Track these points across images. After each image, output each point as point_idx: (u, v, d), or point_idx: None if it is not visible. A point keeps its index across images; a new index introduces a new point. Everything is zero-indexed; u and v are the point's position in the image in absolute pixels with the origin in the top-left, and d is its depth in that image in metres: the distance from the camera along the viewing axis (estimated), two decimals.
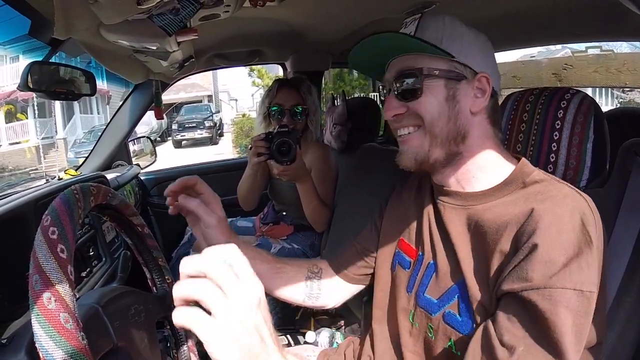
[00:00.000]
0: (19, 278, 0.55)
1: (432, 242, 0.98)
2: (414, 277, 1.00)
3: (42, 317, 0.52)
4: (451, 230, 0.93)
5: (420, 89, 0.90)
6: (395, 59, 0.95)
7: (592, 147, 0.95)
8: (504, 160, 0.92)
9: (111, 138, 2.44)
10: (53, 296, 0.54)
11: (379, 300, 1.11)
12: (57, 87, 1.38)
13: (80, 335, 0.53)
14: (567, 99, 0.98)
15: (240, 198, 2.23)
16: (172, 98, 25.45)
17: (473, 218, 0.89)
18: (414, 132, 0.93)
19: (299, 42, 2.33)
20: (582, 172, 0.96)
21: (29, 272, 0.55)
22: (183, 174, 2.95)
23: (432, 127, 0.90)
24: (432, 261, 0.96)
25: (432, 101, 0.90)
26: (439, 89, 0.90)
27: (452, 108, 0.90)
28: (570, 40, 2.26)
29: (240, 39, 2.17)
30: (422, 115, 0.90)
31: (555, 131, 0.98)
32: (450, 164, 0.94)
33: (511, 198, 0.86)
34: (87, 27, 1.09)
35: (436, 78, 0.90)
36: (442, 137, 0.90)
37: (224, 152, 15.28)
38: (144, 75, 1.92)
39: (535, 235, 0.75)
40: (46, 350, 0.51)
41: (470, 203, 0.92)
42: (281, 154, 1.77)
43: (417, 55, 0.92)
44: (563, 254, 0.72)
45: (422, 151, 0.92)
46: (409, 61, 0.92)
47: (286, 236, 2.24)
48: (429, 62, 0.90)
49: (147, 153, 2.88)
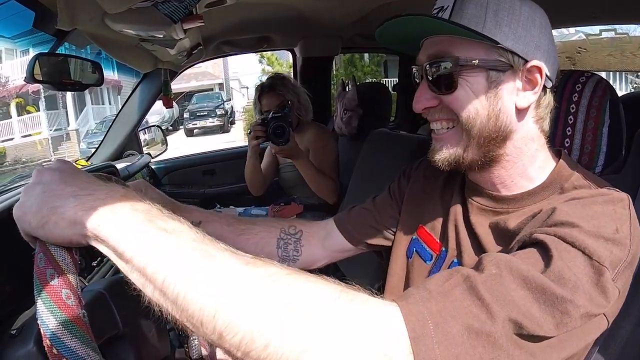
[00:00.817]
0: (29, 270, 0.55)
1: (457, 240, 0.89)
2: (434, 272, 0.92)
3: (44, 292, 0.53)
4: (479, 232, 0.84)
5: (455, 82, 0.77)
6: (430, 39, 0.81)
7: (608, 132, 0.92)
8: (546, 163, 0.83)
9: (121, 128, 2.44)
10: (56, 272, 0.54)
11: (392, 286, 1.04)
12: (64, 78, 1.37)
13: (82, 312, 0.53)
14: (582, 82, 0.95)
15: (247, 182, 2.38)
16: (183, 87, 25.53)
17: (500, 224, 0.81)
18: (450, 130, 0.81)
19: (307, 27, 2.31)
20: (598, 158, 0.94)
21: (35, 251, 0.56)
22: (193, 162, 3.01)
23: (468, 126, 0.78)
24: (456, 260, 0.88)
25: (469, 96, 0.77)
26: (478, 82, 0.76)
27: (493, 104, 0.77)
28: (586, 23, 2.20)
29: (248, 25, 2.16)
30: (457, 112, 0.78)
31: (570, 115, 0.96)
32: (489, 167, 0.82)
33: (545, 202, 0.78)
34: (92, 18, 1.08)
35: (475, 69, 0.76)
36: (480, 137, 0.78)
37: (236, 140, 15.34)
38: (152, 64, 1.91)
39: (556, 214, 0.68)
40: (46, 326, 0.51)
41: (502, 207, 0.83)
42: (276, 135, 2.00)
43: (452, 39, 0.77)
44: (587, 223, 0.64)
45: (456, 152, 0.81)
46: (442, 45, 0.78)
47: (296, 215, 2.34)
48: (467, 48, 0.76)
49: (157, 142, 2.89)
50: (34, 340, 0.70)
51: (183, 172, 2.98)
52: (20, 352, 0.72)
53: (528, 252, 0.64)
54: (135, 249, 0.52)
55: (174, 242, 0.53)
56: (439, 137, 0.83)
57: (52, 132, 18.89)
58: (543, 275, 0.59)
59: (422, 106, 0.82)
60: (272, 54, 10.67)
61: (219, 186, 2.96)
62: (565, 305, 0.58)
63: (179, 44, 1.51)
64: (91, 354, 0.52)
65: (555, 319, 0.58)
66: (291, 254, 1.14)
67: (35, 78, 1.26)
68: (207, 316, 0.50)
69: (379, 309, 0.55)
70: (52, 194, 0.57)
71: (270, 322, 0.50)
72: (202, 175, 2.98)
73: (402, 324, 0.54)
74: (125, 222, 0.53)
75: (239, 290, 0.51)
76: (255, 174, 2.33)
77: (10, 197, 1.09)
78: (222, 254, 0.53)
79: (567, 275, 0.59)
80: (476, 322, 0.56)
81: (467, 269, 0.63)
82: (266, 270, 0.53)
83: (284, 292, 0.52)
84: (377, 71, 9.78)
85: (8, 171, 15.42)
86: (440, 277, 0.63)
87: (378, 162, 1.87)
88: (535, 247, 0.64)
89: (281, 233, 1.15)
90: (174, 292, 0.51)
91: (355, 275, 1.82)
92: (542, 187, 0.80)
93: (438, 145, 0.84)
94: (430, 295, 0.59)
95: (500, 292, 0.58)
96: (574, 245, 0.62)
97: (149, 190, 1.03)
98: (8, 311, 0.86)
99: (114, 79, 20.19)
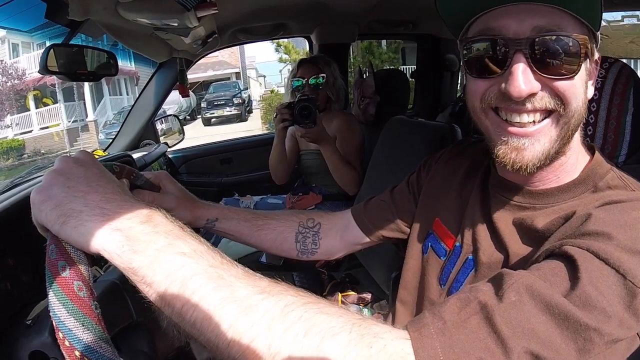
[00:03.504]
0: (44, 260, 0.55)
1: (474, 236, 0.83)
2: (448, 269, 0.89)
3: (56, 284, 0.52)
4: (502, 229, 0.77)
5: (579, 65, 0.66)
6: (524, 5, 0.66)
7: (632, 120, 0.89)
8: (582, 153, 0.76)
9: (137, 118, 2.46)
10: (68, 264, 0.54)
11: (406, 281, 1.03)
12: (79, 68, 1.38)
13: (94, 304, 0.53)
14: (605, 68, 0.91)
15: (271, 169, 2.34)
16: (200, 76, 25.69)
17: (525, 221, 0.74)
18: (542, 122, 0.68)
19: (323, 13, 2.28)
20: (621, 147, 0.91)
21: (47, 243, 0.56)
22: (211, 151, 3.02)
23: (570, 119, 0.68)
24: (471, 256, 0.83)
25: (581, 83, 0.68)
26: (586, 67, 0.68)
27: (586, 93, 0.69)
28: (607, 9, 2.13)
29: (263, 12, 2.14)
30: (568, 101, 0.67)
31: (593, 102, 0.92)
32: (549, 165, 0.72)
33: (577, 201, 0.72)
34: (104, 7, 1.08)
35: (585, 51, 0.66)
36: (573, 131, 0.70)
37: (253, 129, 15.36)
38: (167, 54, 1.92)
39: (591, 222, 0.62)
40: (58, 318, 0.51)
41: (529, 202, 0.76)
42: (303, 117, 1.95)
43: (561, 13, 0.65)
44: (623, 235, 0.58)
45: (549, 148, 0.69)
46: (554, 16, 0.65)
47: (314, 205, 2.30)
48: (574, 26, 0.66)
49: (174, 131, 2.90)
50: (49, 330, 0.71)
51: (200, 161, 2.99)
52: (34, 342, 0.73)
53: (555, 267, 0.59)
54: (155, 275, 0.53)
55: (193, 268, 0.53)
56: (528, 131, 0.69)
57: (70, 123, 19.19)
58: (568, 299, 0.55)
59: (530, 91, 0.65)
60: (289, 42, 10.61)
61: (236, 175, 2.97)
62: (589, 333, 0.54)
63: (193, 33, 1.50)
64: (103, 345, 0.51)
65: (578, 346, 0.54)
66: (310, 247, 1.14)
67: (49, 69, 1.26)
68: (222, 344, 0.51)
69: (390, 346, 0.54)
70: (76, 194, 0.56)
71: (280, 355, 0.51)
72: (219, 164, 2.99)
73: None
74: (146, 248, 0.53)
75: (253, 323, 0.51)
76: (282, 161, 2.28)
77: (26, 187, 1.10)
78: (239, 283, 0.53)
79: (595, 300, 0.54)
80: (490, 358, 0.53)
81: (484, 295, 0.58)
82: (281, 300, 0.53)
83: (296, 325, 0.52)
84: (395, 58, 9.68)
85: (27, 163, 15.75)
86: (457, 302, 0.59)
87: (396, 150, 1.84)
88: (564, 262, 0.59)
89: (299, 227, 1.15)
90: (191, 319, 0.52)
91: (372, 265, 1.82)
92: (575, 183, 0.73)
93: (526, 142, 0.69)
94: (444, 326, 0.56)
95: (518, 322, 0.54)
96: (607, 262, 0.56)
97: (169, 183, 1.03)
98: (24, 301, 0.87)
99: (131, 69, 20.40)
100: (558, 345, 0.53)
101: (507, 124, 0.69)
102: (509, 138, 0.69)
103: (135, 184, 0.89)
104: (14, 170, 15.45)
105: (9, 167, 16.31)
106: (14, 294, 0.88)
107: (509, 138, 0.69)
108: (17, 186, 1.14)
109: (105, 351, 0.52)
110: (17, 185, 1.15)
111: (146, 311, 0.81)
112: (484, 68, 0.69)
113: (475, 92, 0.72)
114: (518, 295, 0.56)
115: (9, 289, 0.87)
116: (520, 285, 0.57)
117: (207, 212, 1.07)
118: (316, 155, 2.24)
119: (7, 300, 0.86)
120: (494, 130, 0.72)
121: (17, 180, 1.26)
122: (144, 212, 0.56)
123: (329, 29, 2.63)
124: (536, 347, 0.53)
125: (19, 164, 16.43)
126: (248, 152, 3.00)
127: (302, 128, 1.97)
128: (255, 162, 2.86)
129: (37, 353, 0.75)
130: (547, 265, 0.60)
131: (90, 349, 0.51)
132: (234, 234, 1.10)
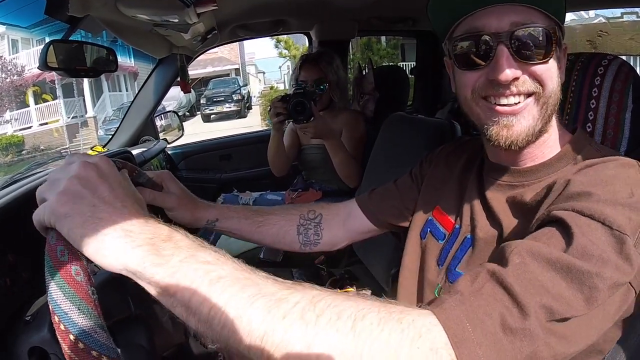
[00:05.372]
0: (43, 257, 0.55)
1: (472, 216, 0.90)
2: (446, 250, 0.94)
3: (53, 267, 0.53)
4: (495, 207, 0.84)
5: (552, 50, 0.76)
6: (499, 6, 0.76)
7: (631, 117, 0.89)
8: (562, 131, 0.84)
9: (137, 114, 2.46)
10: (66, 249, 0.55)
11: (404, 265, 1.06)
12: (78, 64, 1.37)
13: (91, 289, 0.54)
14: (605, 65, 0.91)
15: (270, 162, 2.33)
16: (200, 72, 25.64)
17: (516, 198, 0.81)
18: (526, 101, 0.77)
19: (323, 10, 2.27)
20: (620, 144, 0.91)
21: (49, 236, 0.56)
22: (210, 147, 3.02)
23: (547, 97, 0.77)
24: (469, 235, 0.89)
25: (555, 67, 0.78)
26: (558, 51, 0.78)
27: (561, 76, 0.80)
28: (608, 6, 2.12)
29: (263, 8, 2.13)
30: (544, 82, 0.76)
31: (592, 99, 0.92)
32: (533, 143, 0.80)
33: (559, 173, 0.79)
34: (104, 3, 1.08)
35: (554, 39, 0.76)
36: (553, 109, 0.79)
37: (253, 125, 15.36)
38: (167, 50, 1.91)
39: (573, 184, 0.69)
40: (54, 301, 0.52)
41: (519, 180, 0.83)
42: (297, 112, 1.93)
43: (533, 9, 0.76)
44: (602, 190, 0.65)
45: (534, 124, 0.77)
46: (528, 13, 0.76)
47: (314, 202, 2.28)
48: (544, 21, 0.77)
49: (174, 128, 2.90)
50: (48, 326, 0.71)
51: (200, 157, 2.99)
52: (34, 338, 0.73)
53: (548, 231, 0.65)
54: (180, 284, 0.53)
55: (219, 273, 0.54)
56: (513, 109, 0.77)
57: (70, 119, 19.18)
58: (567, 253, 0.60)
59: (514, 75, 0.75)
60: (289, 38, 10.59)
61: (235, 171, 2.97)
62: (592, 280, 0.58)
63: (193, 29, 1.50)
64: (98, 330, 0.52)
65: (584, 295, 0.58)
66: (312, 238, 1.16)
67: (49, 65, 1.26)
68: (256, 339, 0.51)
69: (418, 320, 0.56)
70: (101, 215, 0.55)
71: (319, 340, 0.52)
72: (219, 160, 2.99)
73: (442, 331, 0.55)
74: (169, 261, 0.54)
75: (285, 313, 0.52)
76: (279, 153, 2.27)
77: (26, 183, 1.10)
78: (265, 282, 0.55)
79: (590, 249, 0.59)
80: (510, 317, 0.56)
81: (491, 265, 0.63)
82: (308, 293, 0.55)
83: (327, 311, 0.53)
84: (395, 54, 9.66)
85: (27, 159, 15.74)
86: (467, 278, 0.63)
87: (395, 146, 1.84)
88: (555, 225, 0.65)
89: (300, 219, 1.16)
90: (220, 321, 0.52)
91: (371, 261, 1.82)
92: (557, 157, 0.81)
93: (514, 119, 0.77)
94: (462, 297, 0.59)
95: (528, 280, 0.58)
96: (592, 217, 0.62)
97: (171, 183, 1.04)
98: (24, 298, 0.87)
99: (130, 65, 20.39)
100: (567, 297, 0.58)
101: (496, 106, 0.78)
102: (499, 118, 0.78)
103: (137, 182, 0.89)
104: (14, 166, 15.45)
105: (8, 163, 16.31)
106: (13, 291, 0.88)
107: (499, 118, 0.78)
108: (16, 182, 1.14)
109: (100, 336, 0.52)
110: (16, 182, 1.15)
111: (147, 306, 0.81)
112: (472, 61, 0.79)
113: (466, 84, 0.81)
114: (521, 258, 0.61)
115: (9, 286, 0.87)
116: (521, 249, 0.62)
117: (208, 213, 1.09)
118: (318, 150, 2.24)
119: (7, 296, 0.87)
120: (485, 115, 0.80)
121: (17, 177, 1.26)
122: (165, 232, 0.57)
123: (329, 25, 2.63)
124: (549, 300, 0.57)
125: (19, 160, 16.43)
126: (247, 149, 3.00)
127: (297, 123, 1.97)
128: (255, 159, 2.85)
129: (36, 349, 0.75)
130: (541, 232, 0.66)
131: (85, 333, 0.51)
132: (236, 232, 1.12)
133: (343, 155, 2.07)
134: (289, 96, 1.98)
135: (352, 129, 2.21)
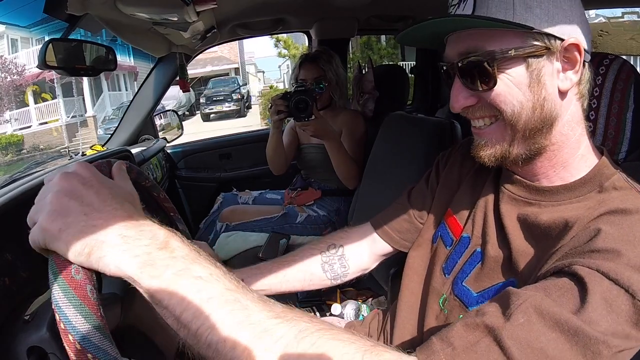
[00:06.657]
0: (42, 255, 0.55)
1: (484, 229, 0.86)
2: (453, 259, 0.91)
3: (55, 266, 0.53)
4: (507, 224, 0.81)
5: (494, 77, 0.71)
6: (455, 34, 0.76)
7: (632, 117, 0.89)
8: (588, 152, 0.78)
9: (136, 113, 2.45)
10: None
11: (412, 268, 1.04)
12: (77, 63, 1.37)
13: (89, 288, 0.54)
14: (606, 64, 0.91)
15: (268, 160, 2.32)
16: (199, 72, 25.64)
17: (529, 217, 0.78)
18: (493, 124, 0.77)
19: (323, 8, 2.27)
20: (621, 144, 0.90)
21: None
22: (210, 146, 3.01)
23: (513, 121, 0.73)
24: (479, 249, 0.86)
25: (511, 90, 0.72)
26: (518, 73, 0.71)
27: (537, 94, 0.72)
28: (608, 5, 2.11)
29: (262, 7, 2.13)
30: (500, 108, 0.74)
31: (593, 99, 0.92)
32: (533, 160, 0.77)
33: (582, 203, 0.74)
34: (103, 1, 1.08)
35: (512, 59, 0.71)
36: (525, 130, 0.74)
37: (252, 124, 15.34)
38: (166, 49, 1.91)
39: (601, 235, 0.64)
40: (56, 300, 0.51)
41: (535, 198, 0.80)
42: (299, 110, 1.92)
43: (481, 31, 0.72)
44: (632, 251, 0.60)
45: (503, 147, 0.76)
46: (472, 39, 0.73)
47: (313, 201, 2.30)
48: (501, 39, 0.71)
49: (173, 126, 2.90)
50: (47, 326, 0.71)
51: (199, 156, 2.99)
52: (33, 337, 0.73)
53: (563, 285, 0.61)
54: (171, 299, 0.54)
55: (209, 292, 0.54)
56: (482, 132, 0.79)
57: (69, 119, 19.17)
58: (577, 316, 0.57)
59: (461, 105, 0.77)
60: (288, 37, 10.57)
61: (235, 170, 2.97)
62: (598, 347, 0.55)
63: (192, 27, 1.49)
64: (95, 332, 0.51)
65: (587, 359, 0.56)
66: (339, 271, 1.15)
67: (48, 64, 1.25)
68: None
69: None
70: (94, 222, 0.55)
71: None
72: (218, 159, 2.99)
73: None
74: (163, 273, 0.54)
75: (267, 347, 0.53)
76: (278, 151, 2.25)
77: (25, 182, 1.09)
78: (254, 307, 0.55)
79: (604, 316, 0.57)
80: None
81: (490, 317, 0.61)
82: (295, 326, 0.55)
83: (310, 351, 0.53)
84: (394, 54, 9.63)
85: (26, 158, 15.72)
86: (465, 327, 0.61)
87: (395, 146, 1.84)
88: (573, 280, 0.61)
89: (322, 257, 1.15)
90: (207, 341, 0.53)
91: None
92: (582, 182, 0.75)
93: (482, 141, 0.79)
94: (454, 352, 0.58)
95: (527, 343, 0.56)
96: (617, 282, 0.58)
97: None
98: (23, 297, 0.87)
99: (130, 65, 20.35)
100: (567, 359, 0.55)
101: (472, 127, 0.82)
102: (475, 137, 0.82)
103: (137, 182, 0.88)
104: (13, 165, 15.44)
105: (7, 163, 16.30)
106: (12, 290, 0.87)
107: (475, 137, 0.82)
108: (15, 181, 1.14)
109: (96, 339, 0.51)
110: (15, 181, 1.15)
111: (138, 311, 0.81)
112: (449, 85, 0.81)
113: None
114: (526, 316, 0.58)
115: (8, 285, 0.87)
116: (528, 305, 0.59)
117: None
118: (317, 149, 2.24)
119: (6, 295, 0.86)
120: None
121: (16, 176, 1.25)
122: (161, 238, 0.57)
123: (328, 24, 2.62)
124: None
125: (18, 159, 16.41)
126: (247, 148, 3.00)
127: (298, 121, 1.95)
128: (254, 158, 2.86)
129: (35, 348, 0.74)
130: (555, 283, 0.62)
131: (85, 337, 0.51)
132: (265, 288, 1.09)
133: (342, 157, 2.07)
134: (289, 94, 1.98)
135: (352, 129, 2.21)
